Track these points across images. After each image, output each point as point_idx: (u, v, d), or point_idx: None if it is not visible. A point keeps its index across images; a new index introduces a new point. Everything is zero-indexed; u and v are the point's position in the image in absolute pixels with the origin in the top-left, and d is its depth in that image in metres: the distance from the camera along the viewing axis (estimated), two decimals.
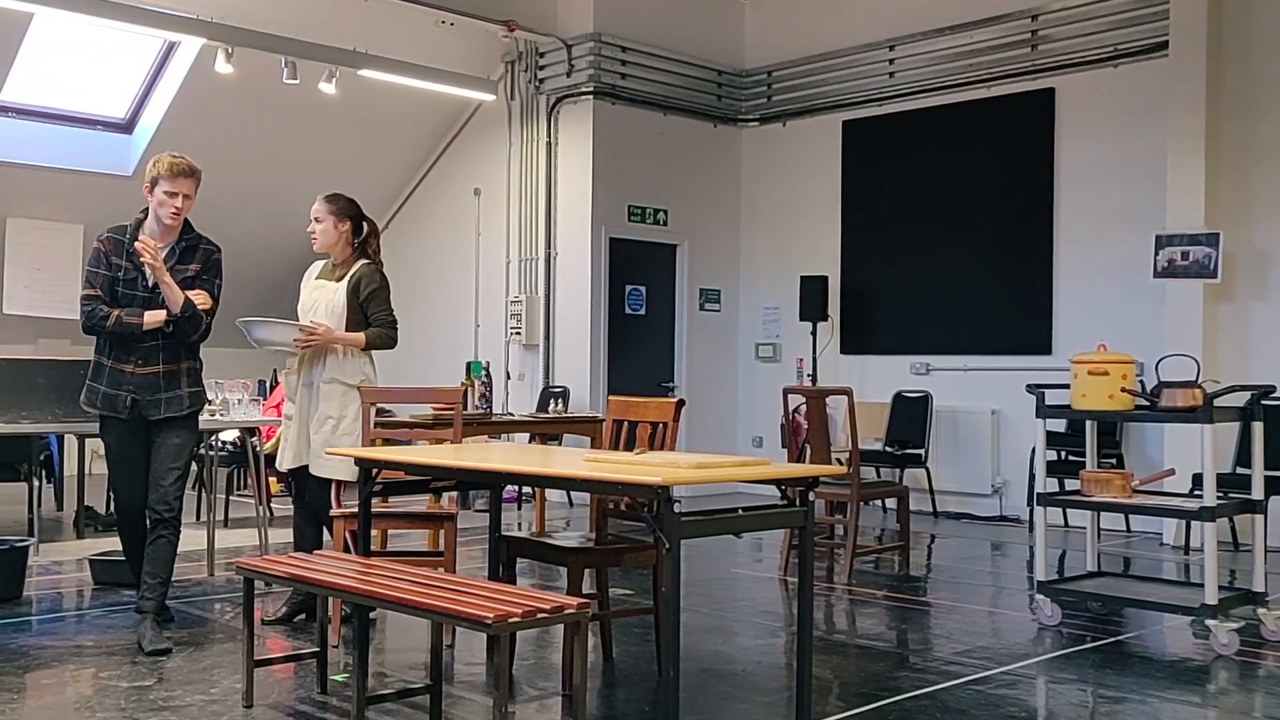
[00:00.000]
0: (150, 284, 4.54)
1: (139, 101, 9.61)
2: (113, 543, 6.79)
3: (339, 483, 4.92)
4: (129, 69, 9.39)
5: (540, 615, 3.13)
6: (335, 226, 5.08)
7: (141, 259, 4.46)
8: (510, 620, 3.06)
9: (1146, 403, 4.95)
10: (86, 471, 7.86)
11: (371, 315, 5.02)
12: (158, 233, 4.57)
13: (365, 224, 5.17)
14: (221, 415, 6.00)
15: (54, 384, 5.77)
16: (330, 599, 4.13)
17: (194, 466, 8.93)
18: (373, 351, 5.10)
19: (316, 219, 5.10)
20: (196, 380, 4.74)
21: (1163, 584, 5.64)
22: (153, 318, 4.53)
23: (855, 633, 5.11)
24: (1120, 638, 5.02)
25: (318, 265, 5.24)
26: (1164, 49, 8.02)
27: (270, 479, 8.59)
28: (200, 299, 4.60)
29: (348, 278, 5.05)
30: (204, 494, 7.83)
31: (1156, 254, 7.76)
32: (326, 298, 5.05)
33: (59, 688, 4.08)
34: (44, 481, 8.08)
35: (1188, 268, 7.65)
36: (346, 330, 4.99)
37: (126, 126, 9.78)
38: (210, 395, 6.05)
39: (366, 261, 5.11)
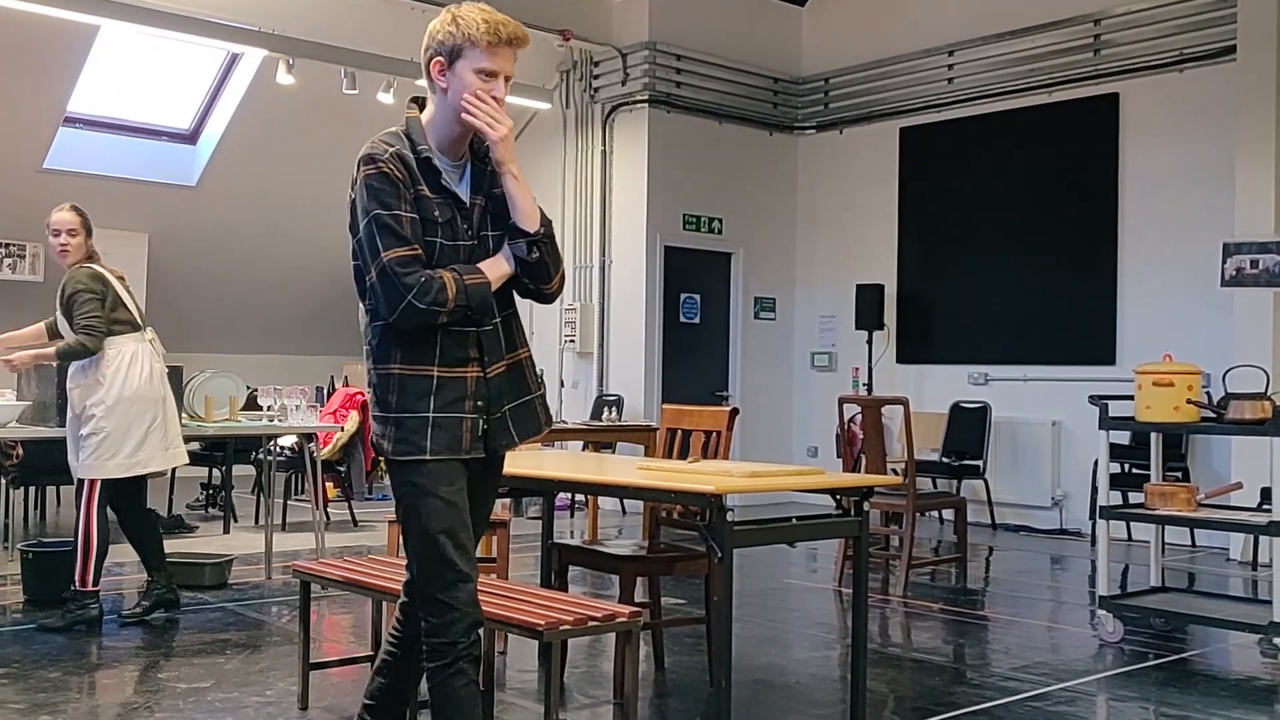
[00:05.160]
0: (476, 220, 2.68)
1: (203, 112, 9.78)
2: (172, 545, 6.90)
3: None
4: (193, 80, 9.55)
5: (592, 623, 3.12)
6: (87, 239, 5.15)
7: None
8: (562, 628, 3.05)
9: (1213, 415, 4.84)
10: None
11: (74, 321, 4.98)
12: (446, 143, 2.66)
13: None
14: (279, 421, 6.07)
15: None
16: (385, 603, 4.14)
17: (253, 471, 9.07)
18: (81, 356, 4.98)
19: (71, 232, 5.08)
20: (538, 378, 2.85)
21: (1229, 600, 5.50)
22: (498, 270, 2.66)
23: (911, 646, 5.04)
24: (1184, 655, 4.90)
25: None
26: (1232, 53, 7.85)
27: (327, 484, 8.68)
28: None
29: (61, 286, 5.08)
30: (262, 498, 7.92)
31: (1224, 262, 7.59)
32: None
33: (120, 687, 4.14)
34: None
35: (1257, 276, 7.47)
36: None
37: (190, 137, 9.95)
38: (268, 401, 6.13)
39: (79, 264, 5.10)
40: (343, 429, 8.30)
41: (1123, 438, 7.85)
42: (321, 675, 4.22)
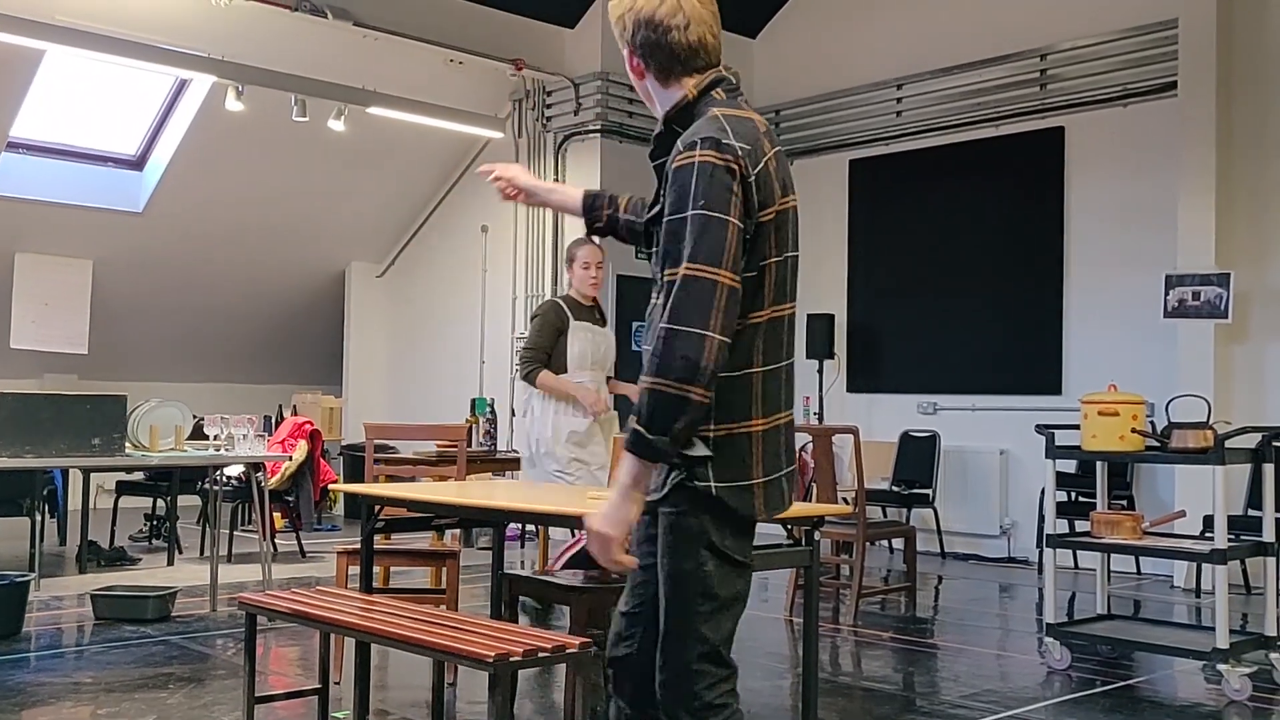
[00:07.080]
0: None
1: (150, 138, 9.67)
2: (114, 577, 6.77)
3: None
4: (140, 106, 9.45)
5: (542, 654, 3.08)
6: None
7: None
8: (511, 659, 3.01)
9: (1157, 444, 4.90)
10: (90, 506, 7.82)
11: None
12: None
13: None
14: (226, 450, 5.98)
15: (59, 419, 5.73)
16: (333, 636, 4.08)
17: (199, 501, 8.92)
18: None
19: (599, 265, 5.38)
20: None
21: (1173, 627, 5.57)
22: None
23: (861, 675, 5.05)
24: (1130, 682, 4.95)
25: (561, 304, 5.44)
26: (1173, 89, 8.02)
27: (275, 514, 8.56)
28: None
29: (605, 317, 5.48)
30: (208, 529, 7.79)
31: (1167, 294, 7.73)
32: (607, 343, 5.48)
33: None
34: (47, 516, 8.05)
35: (1199, 308, 7.61)
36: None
37: (137, 163, 9.84)
38: (215, 430, 6.04)
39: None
40: (291, 458, 8.19)
41: (1069, 466, 7.93)
42: (267, 709, 4.14)
